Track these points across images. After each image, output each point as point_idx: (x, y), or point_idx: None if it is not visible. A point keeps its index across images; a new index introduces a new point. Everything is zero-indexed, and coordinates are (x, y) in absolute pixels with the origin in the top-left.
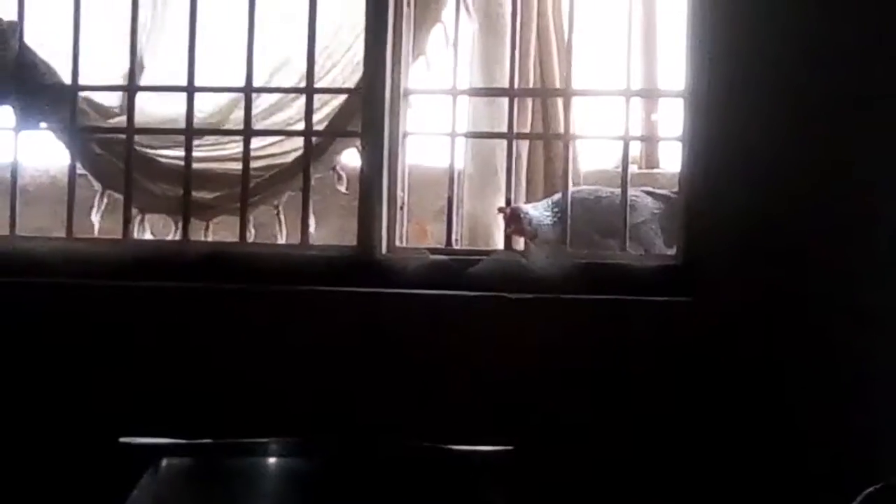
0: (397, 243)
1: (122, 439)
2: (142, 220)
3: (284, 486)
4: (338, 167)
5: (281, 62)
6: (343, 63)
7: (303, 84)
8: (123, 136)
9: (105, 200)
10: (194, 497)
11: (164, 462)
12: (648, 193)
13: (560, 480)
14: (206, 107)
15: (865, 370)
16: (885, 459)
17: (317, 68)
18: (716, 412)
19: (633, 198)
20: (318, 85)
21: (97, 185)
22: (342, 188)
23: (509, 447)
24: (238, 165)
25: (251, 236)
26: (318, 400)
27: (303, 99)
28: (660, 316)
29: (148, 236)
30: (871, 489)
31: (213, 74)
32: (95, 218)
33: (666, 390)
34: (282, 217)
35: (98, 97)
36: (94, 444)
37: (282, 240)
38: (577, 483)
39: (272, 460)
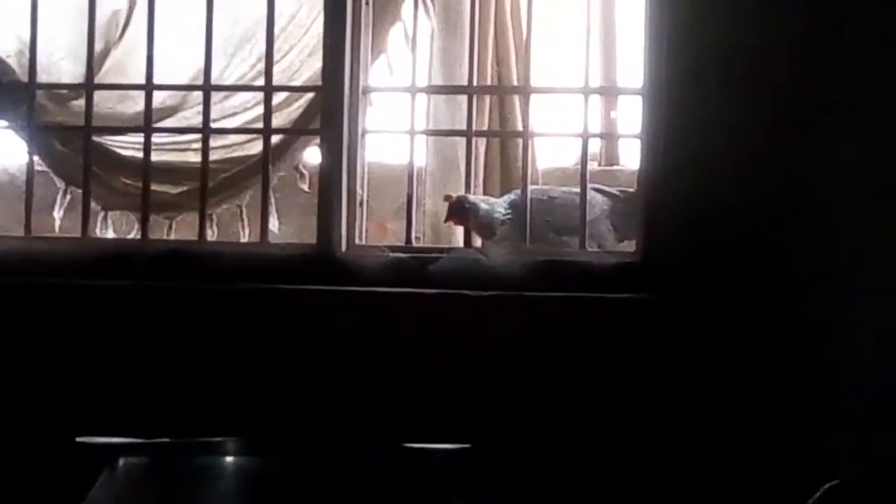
0: (357, 241)
1: (79, 439)
2: (105, 218)
3: (242, 486)
4: (300, 165)
5: (241, 40)
6: (300, 46)
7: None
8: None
9: (68, 197)
10: (152, 496)
11: (122, 461)
12: (598, 191)
13: (521, 478)
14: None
15: (825, 365)
16: (844, 455)
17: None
18: (676, 409)
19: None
20: (276, 66)
21: (59, 182)
22: (305, 187)
23: (469, 445)
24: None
25: (212, 235)
26: (277, 398)
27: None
28: (620, 313)
29: (110, 234)
30: (828, 485)
31: (174, 52)
32: (57, 215)
33: (627, 387)
34: (244, 216)
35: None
36: (52, 443)
37: (244, 238)
38: (538, 481)
39: (230, 459)
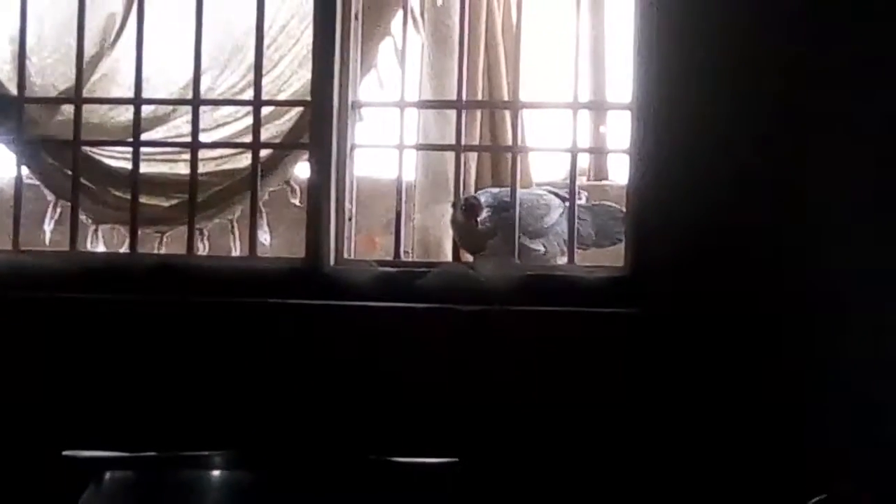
0: (346, 255)
1: (65, 452)
2: (95, 231)
3: (228, 500)
4: (291, 180)
5: (233, 49)
6: (290, 56)
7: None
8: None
9: (58, 210)
10: None
11: (108, 475)
12: (554, 194)
13: (508, 493)
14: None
15: (816, 378)
16: (834, 469)
17: (264, 61)
18: (666, 422)
19: (546, 197)
20: (265, 77)
21: (50, 196)
22: (296, 201)
23: (454, 459)
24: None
25: (204, 249)
26: (265, 412)
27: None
28: (609, 327)
29: (101, 248)
30: (815, 500)
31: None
32: (48, 228)
33: (616, 401)
34: (236, 231)
35: None
36: (40, 457)
37: (236, 252)
38: (527, 496)
39: (215, 473)
